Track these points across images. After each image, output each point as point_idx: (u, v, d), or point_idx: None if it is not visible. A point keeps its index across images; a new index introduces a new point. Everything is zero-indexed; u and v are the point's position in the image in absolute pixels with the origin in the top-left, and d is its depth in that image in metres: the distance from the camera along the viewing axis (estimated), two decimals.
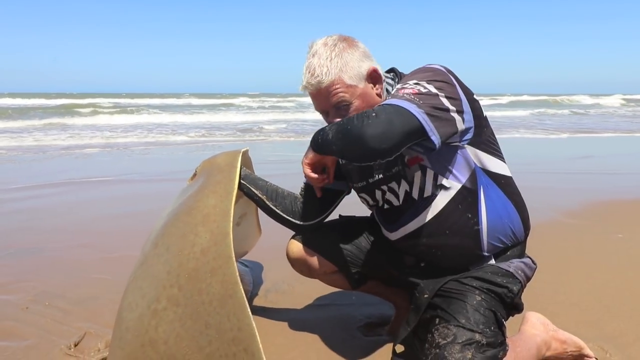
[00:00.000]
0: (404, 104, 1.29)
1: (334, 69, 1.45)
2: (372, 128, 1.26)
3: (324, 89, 1.46)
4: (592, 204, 4.20)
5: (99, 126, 13.79)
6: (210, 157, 1.84)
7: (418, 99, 1.32)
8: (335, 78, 1.45)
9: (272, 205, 1.76)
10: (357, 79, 1.48)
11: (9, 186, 5.07)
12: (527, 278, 1.60)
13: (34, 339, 1.96)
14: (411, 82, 1.39)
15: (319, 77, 1.45)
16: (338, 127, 1.36)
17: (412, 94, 1.33)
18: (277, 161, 6.83)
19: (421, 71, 1.45)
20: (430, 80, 1.38)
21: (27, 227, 3.61)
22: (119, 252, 3.01)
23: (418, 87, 1.35)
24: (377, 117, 1.27)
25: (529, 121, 17.01)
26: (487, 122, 1.53)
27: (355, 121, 1.30)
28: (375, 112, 1.28)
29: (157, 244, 1.51)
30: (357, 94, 1.48)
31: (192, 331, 1.33)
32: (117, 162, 7.20)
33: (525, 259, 1.62)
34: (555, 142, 10.29)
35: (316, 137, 1.44)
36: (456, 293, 1.51)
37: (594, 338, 1.88)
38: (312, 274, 1.88)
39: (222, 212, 1.45)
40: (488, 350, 1.38)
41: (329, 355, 1.83)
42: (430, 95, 1.34)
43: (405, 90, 1.35)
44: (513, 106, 30.39)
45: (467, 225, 1.51)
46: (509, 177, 1.57)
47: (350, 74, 1.47)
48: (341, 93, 1.46)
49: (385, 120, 1.26)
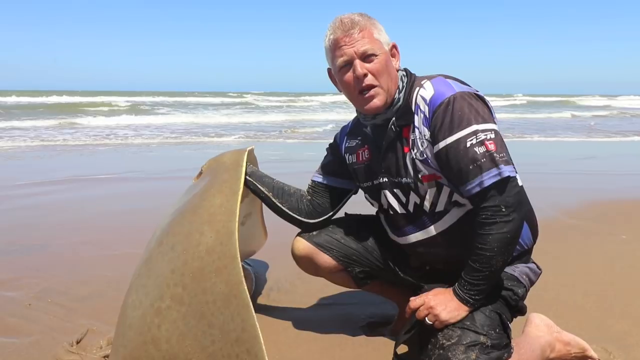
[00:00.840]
0: (507, 171, 1.35)
1: (366, 21, 1.50)
2: (515, 216, 1.36)
3: (356, 31, 1.47)
4: (596, 205, 4.19)
5: (135, 126, 13.64)
6: (217, 156, 1.84)
7: (501, 153, 1.37)
8: (367, 26, 1.49)
9: (279, 203, 1.76)
10: (383, 40, 1.53)
11: (13, 183, 5.08)
12: (531, 282, 1.61)
13: (36, 336, 1.96)
14: (475, 129, 1.38)
15: (352, 18, 1.49)
16: (497, 251, 1.36)
17: (494, 152, 1.36)
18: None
19: (462, 107, 1.41)
20: (482, 117, 1.40)
21: (30, 224, 3.62)
22: (122, 249, 3.02)
23: (489, 136, 1.38)
24: (509, 207, 1.35)
25: (582, 124, 16.30)
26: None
27: (505, 228, 1.35)
28: (504, 206, 1.35)
29: (162, 242, 1.51)
30: (383, 51, 1.51)
31: (195, 330, 1.33)
32: (129, 159, 7.21)
33: (530, 264, 1.62)
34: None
35: (477, 290, 1.40)
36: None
37: (598, 339, 1.88)
38: (317, 272, 1.87)
39: (227, 211, 1.45)
40: (492, 352, 1.37)
41: (331, 354, 1.83)
42: (497, 136, 1.39)
43: (488, 145, 1.37)
44: (534, 107, 30.03)
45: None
46: (521, 187, 1.54)
47: (380, 32, 1.52)
48: (370, 42, 1.49)
49: (513, 202, 1.36)
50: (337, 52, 1.51)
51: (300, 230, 1.86)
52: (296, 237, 1.86)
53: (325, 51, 1.57)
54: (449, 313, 1.41)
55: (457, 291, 1.43)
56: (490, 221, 1.36)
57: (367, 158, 1.66)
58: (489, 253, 1.36)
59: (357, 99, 1.55)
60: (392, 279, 1.84)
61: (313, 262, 1.82)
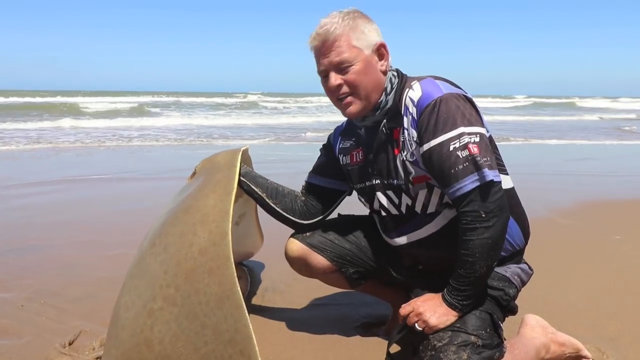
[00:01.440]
0: (490, 175, 1.35)
1: (344, 26, 1.46)
2: (497, 221, 1.36)
3: (330, 42, 1.46)
4: (590, 206, 4.21)
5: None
6: (210, 156, 1.83)
7: (485, 157, 1.36)
8: (344, 34, 1.45)
9: (272, 203, 1.76)
10: (364, 44, 1.48)
11: (5, 183, 5.04)
12: (522, 283, 1.61)
13: (29, 337, 1.94)
14: (460, 132, 1.37)
15: (328, 28, 1.45)
16: (482, 258, 1.37)
17: (477, 155, 1.35)
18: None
19: (449, 109, 1.40)
20: (467, 120, 1.39)
21: (23, 224, 3.59)
22: (115, 250, 3.00)
23: (473, 139, 1.36)
24: (490, 213, 1.35)
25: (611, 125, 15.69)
26: (492, 139, 1.51)
27: (486, 234, 1.35)
28: (482, 213, 1.35)
29: (155, 242, 1.50)
30: (360, 58, 1.47)
31: (188, 331, 1.32)
32: (120, 159, 7.18)
33: (522, 264, 1.62)
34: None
35: (464, 295, 1.41)
36: None
37: (592, 340, 1.88)
38: (311, 273, 1.86)
39: (221, 212, 1.44)
40: (484, 352, 1.38)
41: (326, 355, 1.82)
42: (482, 139, 1.38)
43: (472, 148, 1.36)
44: (539, 108, 29.59)
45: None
46: (510, 189, 1.56)
47: (359, 37, 1.47)
48: (346, 52, 1.45)
49: (495, 207, 1.35)
50: (316, 61, 1.53)
51: (294, 232, 1.85)
52: (289, 239, 1.85)
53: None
54: (438, 319, 1.42)
55: (445, 297, 1.44)
56: (471, 227, 1.36)
57: (360, 159, 1.65)
58: (471, 259, 1.37)
59: (337, 105, 1.57)
60: (385, 279, 1.84)
61: (307, 263, 1.81)
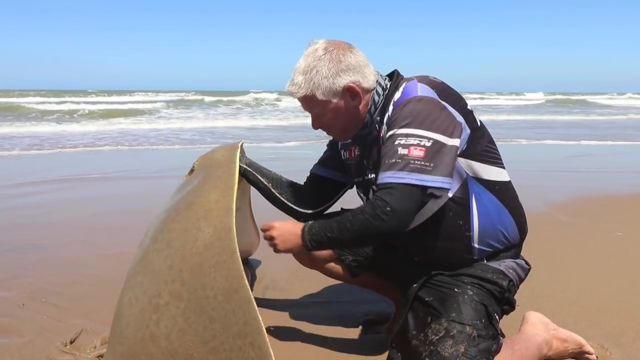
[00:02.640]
0: (415, 179, 1.35)
1: (308, 84, 1.51)
2: (392, 222, 1.36)
3: (299, 99, 1.56)
4: (591, 202, 4.21)
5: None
6: (208, 153, 1.83)
7: (426, 162, 1.35)
8: (308, 93, 1.53)
9: (277, 193, 1.79)
10: (330, 94, 1.52)
11: (6, 182, 5.04)
12: (519, 277, 1.62)
13: (30, 336, 1.94)
14: (410, 132, 1.38)
15: (294, 89, 1.54)
16: (353, 233, 1.41)
17: (420, 158, 1.35)
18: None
19: (412, 110, 1.42)
20: (427, 124, 1.38)
21: (24, 223, 3.58)
22: (116, 248, 2.99)
23: (422, 143, 1.37)
24: (393, 212, 1.34)
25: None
26: (483, 131, 1.54)
27: (376, 221, 1.36)
28: (389, 205, 1.34)
29: (157, 239, 1.49)
30: (329, 108, 1.55)
31: (195, 325, 1.32)
32: (117, 159, 7.17)
33: (518, 260, 1.63)
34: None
35: (317, 239, 1.46)
36: (447, 289, 1.53)
37: (594, 336, 1.88)
38: (312, 262, 1.90)
39: (224, 207, 1.44)
40: (481, 343, 1.40)
41: (327, 352, 1.82)
42: (434, 146, 1.37)
43: (412, 151, 1.36)
44: (561, 106, 28.62)
45: (458, 231, 1.53)
46: (505, 182, 1.58)
47: (323, 91, 1.52)
48: (313, 108, 1.56)
49: (402, 211, 1.35)
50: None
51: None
52: None
53: None
54: (285, 248, 1.52)
55: (304, 229, 1.48)
56: (371, 206, 1.38)
57: (357, 155, 1.69)
58: (348, 225, 1.41)
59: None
60: (383, 270, 1.86)
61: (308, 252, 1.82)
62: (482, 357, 1.38)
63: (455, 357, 1.36)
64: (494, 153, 1.55)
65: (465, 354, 1.37)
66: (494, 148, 1.56)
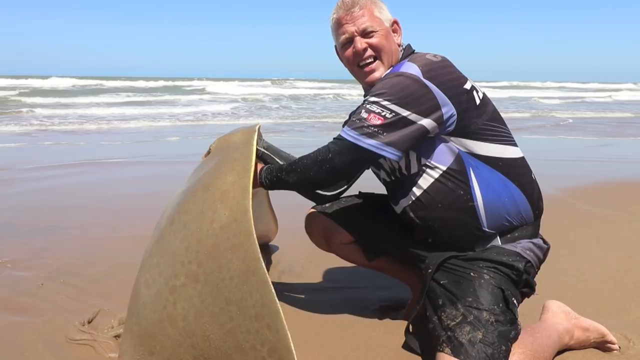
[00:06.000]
0: (361, 141, 1.45)
1: (367, 0, 1.61)
2: (328, 173, 1.51)
3: (356, 11, 1.59)
4: (613, 192, 4.11)
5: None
6: (225, 135, 1.81)
7: (379, 130, 1.44)
8: (367, 5, 1.61)
9: None
10: (384, 17, 1.64)
11: (27, 166, 5.11)
12: (537, 257, 1.60)
13: (48, 315, 1.96)
14: (377, 101, 1.46)
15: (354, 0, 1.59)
16: (298, 175, 1.54)
17: (375, 126, 1.44)
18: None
19: (388, 83, 1.49)
20: (394, 98, 1.44)
21: (44, 205, 3.63)
22: (133, 231, 3.02)
23: (383, 113, 1.44)
24: (332, 160, 1.48)
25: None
26: (483, 110, 1.54)
27: (315, 167, 1.51)
28: (331, 153, 1.48)
29: (174, 220, 1.49)
30: (383, 27, 1.62)
31: (212, 307, 1.32)
32: (133, 144, 7.23)
33: (535, 239, 1.61)
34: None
35: (270, 177, 1.60)
36: (463, 273, 1.53)
37: (616, 326, 1.83)
38: (328, 243, 1.92)
39: (240, 189, 1.43)
40: (499, 328, 1.39)
41: (343, 337, 1.81)
42: (395, 119, 1.44)
43: (371, 118, 1.45)
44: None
45: (460, 201, 1.55)
46: (511, 159, 1.57)
47: (380, 11, 1.63)
48: (370, 20, 1.60)
49: (339, 163, 1.48)
50: (339, 30, 1.63)
51: (314, 204, 1.93)
52: (310, 210, 1.94)
53: (331, 30, 1.69)
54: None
55: (263, 168, 1.64)
56: (317, 152, 1.52)
57: None
58: (294, 167, 1.55)
59: (358, 73, 1.66)
60: (400, 254, 1.85)
61: (325, 233, 1.90)
62: (500, 343, 1.37)
63: (473, 344, 1.36)
64: (494, 131, 1.55)
65: (483, 340, 1.36)
66: (496, 126, 1.56)
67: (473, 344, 1.36)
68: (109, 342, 1.74)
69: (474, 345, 1.35)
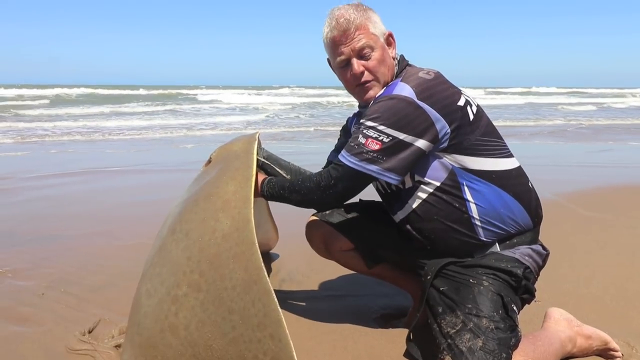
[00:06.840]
0: (362, 167, 1.47)
1: (361, 16, 1.57)
2: (333, 198, 1.55)
3: (352, 31, 1.56)
4: (614, 197, 4.11)
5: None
6: (225, 144, 1.82)
7: (378, 155, 1.46)
8: (363, 23, 1.57)
9: None
10: (379, 32, 1.61)
11: (27, 175, 5.11)
12: (536, 263, 1.61)
13: (49, 325, 1.96)
14: (374, 125, 1.47)
15: (348, 18, 1.55)
16: (301, 197, 1.58)
17: (374, 151, 1.46)
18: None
19: (382, 106, 1.48)
20: (390, 122, 1.45)
21: (44, 214, 3.63)
22: (134, 240, 3.01)
23: (380, 138, 1.46)
24: (336, 187, 1.51)
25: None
26: (476, 126, 1.55)
27: (318, 192, 1.54)
28: (334, 180, 1.51)
29: (175, 229, 1.49)
30: (379, 44, 1.59)
31: (214, 317, 1.32)
32: (134, 152, 7.23)
33: (534, 245, 1.62)
34: None
35: (271, 192, 1.64)
36: (462, 279, 1.53)
37: (620, 333, 1.83)
38: (328, 251, 1.92)
39: (242, 198, 1.43)
40: (498, 335, 1.39)
41: (345, 346, 1.80)
42: (392, 143, 1.45)
43: (369, 143, 1.46)
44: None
45: (455, 213, 1.56)
46: (505, 171, 1.58)
47: (375, 26, 1.60)
48: (366, 38, 1.57)
49: (342, 189, 1.52)
50: (335, 51, 1.60)
51: (315, 212, 1.93)
52: (310, 218, 1.95)
53: (324, 46, 1.66)
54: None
55: (265, 179, 1.67)
56: (319, 177, 1.54)
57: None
58: (297, 188, 1.58)
59: (355, 91, 1.65)
60: (400, 261, 1.86)
61: (325, 240, 1.90)
62: (500, 350, 1.37)
63: (473, 352, 1.36)
64: (487, 145, 1.56)
65: (483, 348, 1.36)
66: (489, 140, 1.57)
67: (473, 352, 1.36)
68: (109, 352, 1.73)
69: (474, 353, 1.36)
